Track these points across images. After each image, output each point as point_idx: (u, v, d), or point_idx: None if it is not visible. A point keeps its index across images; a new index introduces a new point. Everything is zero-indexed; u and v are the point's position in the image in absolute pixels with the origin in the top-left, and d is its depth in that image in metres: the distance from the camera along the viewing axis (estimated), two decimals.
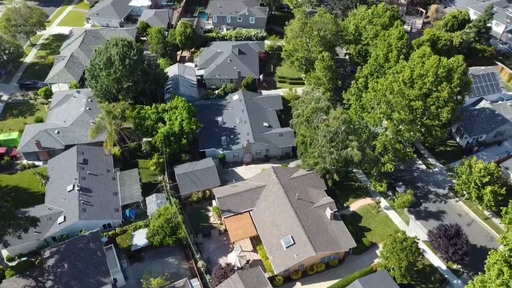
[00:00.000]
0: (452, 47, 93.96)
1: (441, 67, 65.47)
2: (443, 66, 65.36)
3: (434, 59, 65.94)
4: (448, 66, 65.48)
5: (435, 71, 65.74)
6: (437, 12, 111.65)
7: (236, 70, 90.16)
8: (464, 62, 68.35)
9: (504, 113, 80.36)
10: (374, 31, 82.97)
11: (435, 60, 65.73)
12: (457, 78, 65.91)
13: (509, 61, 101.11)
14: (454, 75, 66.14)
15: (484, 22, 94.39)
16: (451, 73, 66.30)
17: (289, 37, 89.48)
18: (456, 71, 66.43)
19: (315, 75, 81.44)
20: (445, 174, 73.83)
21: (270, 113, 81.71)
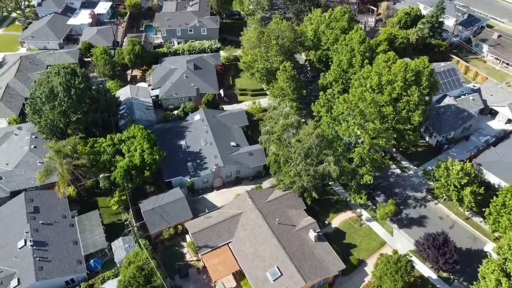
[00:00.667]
0: (409, 44, 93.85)
1: (409, 71, 63.74)
2: (411, 70, 63.65)
3: (401, 64, 64.14)
4: (415, 69, 63.84)
5: (404, 75, 63.94)
6: (388, 9, 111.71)
7: (193, 87, 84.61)
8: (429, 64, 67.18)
9: (468, 107, 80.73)
10: (333, 36, 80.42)
11: (402, 64, 63.93)
12: (426, 80, 64.51)
13: (463, 53, 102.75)
14: (423, 77, 64.69)
15: (437, 17, 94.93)
16: (419, 75, 64.78)
17: (246, 48, 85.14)
18: (423, 73, 65.00)
19: (278, 86, 77.73)
20: (420, 176, 72.61)
21: (236, 130, 76.96)
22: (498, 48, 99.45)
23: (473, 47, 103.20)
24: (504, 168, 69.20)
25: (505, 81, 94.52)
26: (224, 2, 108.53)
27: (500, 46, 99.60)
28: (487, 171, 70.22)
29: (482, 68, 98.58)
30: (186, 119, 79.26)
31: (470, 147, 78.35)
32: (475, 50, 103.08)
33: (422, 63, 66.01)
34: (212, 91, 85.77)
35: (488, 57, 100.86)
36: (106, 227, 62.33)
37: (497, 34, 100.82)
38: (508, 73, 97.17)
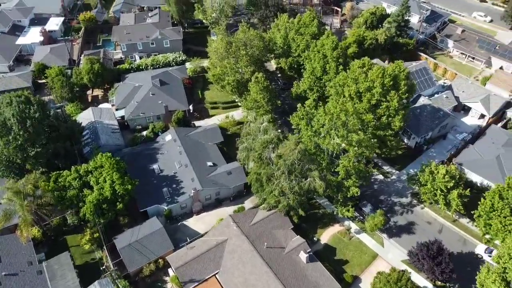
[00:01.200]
0: (378, 45, 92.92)
1: (387, 76, 61.96)
2: (389, 75, 61.89)
3: (378, 70, 62.25)
4: (393, 74, 62.13)
5: (381, 81, 62.11)
6: (353, 10, 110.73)
7: (161, 105, 79.72)
8: (403, 66, 65.71)
9: (443, 106, 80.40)
10: (304, 43, 77.82)
11: (379, 70, 62.04)
12: (404, 85, 62.97)
13: (429, 50, 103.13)
14: (401, 82, 63.10)
15: (402, 16, 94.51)
16: (397, 80, 63.16)
17: (213, 59, 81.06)
18: (400, 77, 63.43)
19: (251, 98, 74.26)
20: (404, 180, 71.37)
21: (211, 148, 72.85)
22: (463, 43, 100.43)
23: (439, 43, 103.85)
24: (485, 166, 68.95)
25: (473, 75, 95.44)
26: (185, 11, 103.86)
27: (465, 40, 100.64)
28: (468, 170, 69.79)
29: (450, 63, 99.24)
30: (156, 141, 74.34)
31: (448, 145, 78.02)
32: (440, 46, 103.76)
33: (398, 67, 64.40)
34: (182, 107, 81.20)
35: (454, 52, 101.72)
36: (79, 270, 56.73)
37: (461, 29, 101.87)
38: (475, 67, 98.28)
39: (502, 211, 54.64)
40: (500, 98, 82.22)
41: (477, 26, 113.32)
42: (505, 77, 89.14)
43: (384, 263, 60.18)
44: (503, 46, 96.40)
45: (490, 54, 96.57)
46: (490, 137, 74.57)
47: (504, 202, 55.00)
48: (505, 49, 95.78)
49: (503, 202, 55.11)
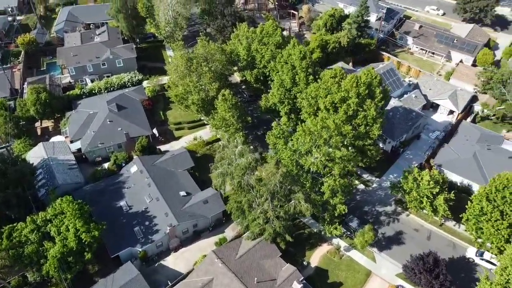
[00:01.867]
0: (341, 48, 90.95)
1: (361, 85, 59.34)
2: (363, 83, 59.28)
3: (351, 79, 59.46)
4: (367, 82, 59.58)
5: (356, 91, 59.43)
6: (310, 12, 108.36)
7: (122, 132, 73.18)
8: (373, 72, 63.37)
9: (413, 106, 79.48)
10: (269, 53, 73.97)
11: (353, 80, 59.27)
12: (379, 92, 60.67)
13: (390, 48, 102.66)
14: (375, 90, 60.73)
15: (362, 16, 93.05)
16: (371, 88, 60.73)
17: (173, 78, 75.32)
18: (374, 85, 61.07)
19: (219, 116, 69.47)
20: (385, 188, 69.55)
21: (182, 176, 67.37)
22: (422, 39, 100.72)
23: (398, 41, 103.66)
24: (463, 165, 68.29)
25: (435, 70, 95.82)
26: (136, 26, 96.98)
27: (423, 36, 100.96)
28: (447, 171, 68.89)
29: (411, 60, 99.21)
30: (121, 173, 67.79)
31: (423, 146, 77.14)
32: (400, 43, 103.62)
33: (370, 74, 61.98)
34: (144, 132, 75.02)
35: (414, 48, 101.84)
36: None
37: (418, 25, 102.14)
38: (436, 62, 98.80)
39: (492, 214, 53.46)
40: (467, 92, 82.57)
41: (432, 20, 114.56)
42: (467, 70, 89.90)
43: (378, 280, 57.76)
44: (460, 39, 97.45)
45: (449, 48, 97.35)
46: (463, 134, 74.30)
47: (493, 205, 53.87)
48: (463, 42, 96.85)
49: (492, 205, 53.98)
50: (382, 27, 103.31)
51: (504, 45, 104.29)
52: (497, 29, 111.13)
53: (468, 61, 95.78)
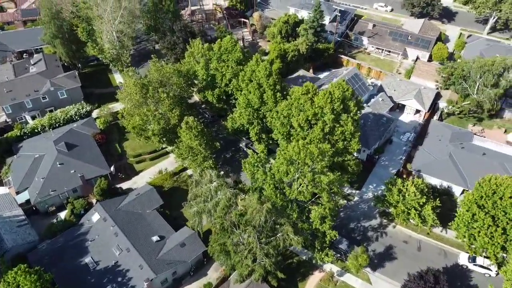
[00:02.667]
0: (300, 55, 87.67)
1: (336, 100, 55.90)
2: (337, 98, 55.85)
3: (325, 95, 55.80)
4: (341, 97, 56.21)
5: (331, 107, 55.94)
6: (262, 19, 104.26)
7: (76, 175, 65.18)
8: (346, 86, 60.26)
9: (381, 109, 77.74)
10: (230, 72, 68.81)
11: (326, 95, 55.65)
12: (354, 106, 57.61)
13: (346, 49, 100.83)
14: (350, 103, 57.59)
15: (318, 21, 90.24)
16: (346, 101, 57.51)
17: (128, 108, 68.14)
18: (348, 97, 57.93)
19: (185, 145, 63.55)
20: (367, 200, 67.11)
21: (152, 217, 60.76)
22: (377, 38, 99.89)
23: (354, 42, 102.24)
24: (441, 168, 67.16)
25: (394, 69, 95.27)
26: (76, 51, 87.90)
27: (378, 35, 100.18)
28: (427, 175, 67.54)
29: (369, 60, 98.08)
30: (81, 224, 59.97)
31: (396, 149, 75.61)
32: (356, 44, 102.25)
33: (341, 87, 58.75)
34: (101, 171, 67.38)
35: (370, 48, 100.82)
36: None
37: (372, 24, 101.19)
38: (393, 61, 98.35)
39: (484, 221, 52.00)
40: (431, 90, 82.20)
41: (382, 17, 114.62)
42: (426, 67, 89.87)
43: None
44: (414, 35, 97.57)
45: (404, 46, 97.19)
46: (434, 134, 73.44)
47: (484, 212, 52.45)
48: (417, 38, 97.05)
49: (483, 212, 52.55)
50: (336, 29, 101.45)
51: (454, 37, 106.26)
52: (444, 21, 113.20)
53: (424, 57, 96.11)
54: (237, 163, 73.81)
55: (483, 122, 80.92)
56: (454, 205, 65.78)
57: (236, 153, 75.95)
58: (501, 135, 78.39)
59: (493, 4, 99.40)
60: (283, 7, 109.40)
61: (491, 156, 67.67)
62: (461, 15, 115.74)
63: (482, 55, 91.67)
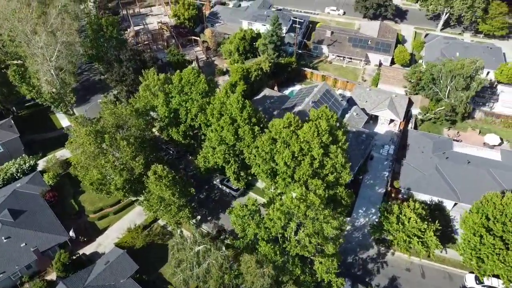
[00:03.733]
0: (264, 74, 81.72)
1: (324, 133, 50.47)
2: (325, 130, 50.46)
3: (310, 129, 50.19)
4: (328, 128, 50.91)
5: (319, 140, 50.46)
6: (215, 36, 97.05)
7: (28, 248, 54.98)
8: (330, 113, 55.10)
9: (358, 125, 73.76)
10: (196, 106, 61.25)
11: (312, 129, 50.07)
12: (342, 134, 52.57)
13: (306, 60, 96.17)
14: (337, 132, 52.47)
15: (277, 35, 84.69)
16: (333, 131, 52.31)
17: (83, 162, 58.42)
18: (334, 127, 52.82)
19: (155, 196, 55.55)
20: (360, 227, 62.80)
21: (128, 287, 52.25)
22: (336, 45, 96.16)
23: (313, 51, 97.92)
24: (430, 183, 64.16)
25: (359, 77, 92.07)
26: (8, 94, 75.94)
27: (337, 42, 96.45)
28: (417, 192, 64.32)
29: (332, 70, 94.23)
30: None
31: (378, 165, 71.92)
32: (316, 54, 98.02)
33: (325, 114, 53.55)
34: (59, 239, 57.51)
35: (331, 56, 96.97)
36: None
37: (329, 31, 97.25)
38: (356, 67, 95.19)
39: (494, 245, 48.90)
40: (403, 98, 79.52)
41: (336, 21, 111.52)
42: (392, 73, 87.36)
43: None
44: (373, 40, 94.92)
45: (365, 51, 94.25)
46: (415, 145, 70.52)
47: (492, 235, 49.38)
48: (377, 42, 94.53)
49: (491, 235, 49.45)
50: (293, 39, 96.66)
51: (409, 37, 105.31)
52: (397, 20, 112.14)
53: (387, 61, 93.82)
54: (213, 204, 66.84)
55: (457, 125, 79.55)
56: (448, 220, 63.21)
57: (210, 191, 68.68)
58: (476, 137, 77.32)
59: (445, 1, 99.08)
60: (234, 21, 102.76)
61: (476, 164, 65.63)
62: (412, 13, 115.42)
63: (443, 54, 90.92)
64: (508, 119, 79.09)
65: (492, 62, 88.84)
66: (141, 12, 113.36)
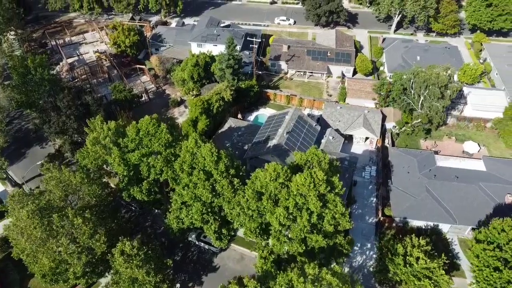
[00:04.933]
0: (226, 103, 73.86)
1: (321, 184, 43.81)
2: (322, 181, 43.83)
3: (306, 181, 43.25)
4: (326, 177, 44.31)
5: (316, 193, 43.75)
6: (162, 62, 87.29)
7: None
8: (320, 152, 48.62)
9: (335, 149, 68.10)
10: (160, 160, 52.01)
11: (308, 181, 43.18)
12: (338, 181, 46.22)
13: (266, 79, 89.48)
14: (333, 179, 46.04)
15: (233, 57, 76.98)
16: (328, 178, 45.80)
17: (28, 249, 47.23)
18: (329, 171, 46.40)
19: (126, 278, 46.12)
20: (357, 267, 57.20)
21: None
22: (295, 60, 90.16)
23: (271, 68, 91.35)
24: (424, 207, 59.98)
25: (323, 92, 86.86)
26: None
27: (295, 56, 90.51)
28: (412, 219, 59.94)
29: (294, 87, 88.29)
30: None
31: (363, 191, 66.90)
32: (274, 71, 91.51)
33: (315, 157, 47.00)
34: None
35: (291, 72, 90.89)
36: None
37: (286, 45, 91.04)
38: (319, 81, 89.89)
39: None
40: (376, 113, 75.00)
41: (288, 32, 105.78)
42: (358, 85, 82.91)
43: None
44: (332, 50, 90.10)
45: (326, 64, 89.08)
46: (399, 165, 66.30)
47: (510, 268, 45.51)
48: (337, 53, 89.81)
49: (508, 267, 45.55)
50: (249, 57, 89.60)
51: (365, 42, 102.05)
52: (349, 26, 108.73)
53: (349, 72, 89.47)
54: (193, 266, 58.17)
55: (432, 134, 76.53)
56: (446, 244, 59.27)
57: (187, 251, 59.90)
58: (454, 145, 74.80)
59: (398, 4, 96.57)
60: (181, 42, 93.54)
61: (464, 179, 62.59)
62: (362, 16, 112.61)
63: (404, 60, 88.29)
64: (480, 122, 77.45)
65: (453, 63, 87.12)
66: (73, 40, 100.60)
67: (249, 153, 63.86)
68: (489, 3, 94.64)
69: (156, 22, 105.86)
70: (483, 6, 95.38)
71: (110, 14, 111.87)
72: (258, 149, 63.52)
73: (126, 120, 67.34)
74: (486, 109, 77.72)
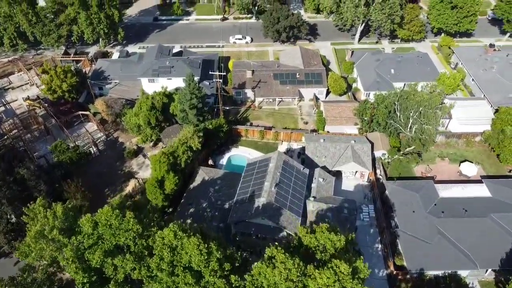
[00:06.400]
0: (195, 153, 62.94)
1: (346, 278, 34.63)
2: (347, 275, 34.71)
3: (327, 278, 33.88)
4: (350, 269, 35.26)
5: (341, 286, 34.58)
6: (111, 107, 74.07)
7: None
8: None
9: (328, 193, 59.45)
10: (131, 261, 40.22)
11: (331, 279, 33.87)
12: (361, 263, 37.35)
13: (232, 111, 79.21)
14: (357, 263, 37.12)
15: (196, 96, 66.00)
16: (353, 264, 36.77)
17: None
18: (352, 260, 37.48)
19: None
20: None
21: None
22: (262, 87, 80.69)
23: (236, 98, 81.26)
24: (441, 254, 52.73)
25: (298, 119, 78.22)
26: None
27: (262, 82, 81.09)
28: (430, 270, 52.64)
29: (266, 116, 78.89)
30: None
31: (365, 237, 58.55)
32: (240, 101, 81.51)
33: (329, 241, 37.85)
34: None
35: (258, 100, 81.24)
36: None
37: (250, 71, 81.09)
38: (291, 107, 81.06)
39: None
40: (362, 142, 67.00)
41: (246, 52, 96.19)
42: (336, 109, 74.93)
43: None
44: (301, 71, 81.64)
45: (296, 87, 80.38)
46: (401, 203, 58.83)
47: None
48: (306, 74, 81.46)
49: None
50: (210, 88, 79.00)
51: (330, 56, 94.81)
52: (310, 39, 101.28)
53: (322, 94, 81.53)
54: None
55: (423, 157, 70.11)
56: None
57: None
58: (448, 167, 68.97)
59: (362, 14, 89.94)
60: (129, 78, 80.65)
61: (473, 211, 56.79)
62: (321, 26, 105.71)
63: (379, 75, 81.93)
64: (469, 137, 72.30)
65: (428, 72, 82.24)
66: None
67: (234, 217, 53.45)
68: (454, 5, 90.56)
69: (95, 54, 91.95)
70: (448, 8, 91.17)
71: (38, 49, 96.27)
72: (244, 211, 53.35)
73: (76, 194, 54.66)
74: (473, 123, 72.67)
